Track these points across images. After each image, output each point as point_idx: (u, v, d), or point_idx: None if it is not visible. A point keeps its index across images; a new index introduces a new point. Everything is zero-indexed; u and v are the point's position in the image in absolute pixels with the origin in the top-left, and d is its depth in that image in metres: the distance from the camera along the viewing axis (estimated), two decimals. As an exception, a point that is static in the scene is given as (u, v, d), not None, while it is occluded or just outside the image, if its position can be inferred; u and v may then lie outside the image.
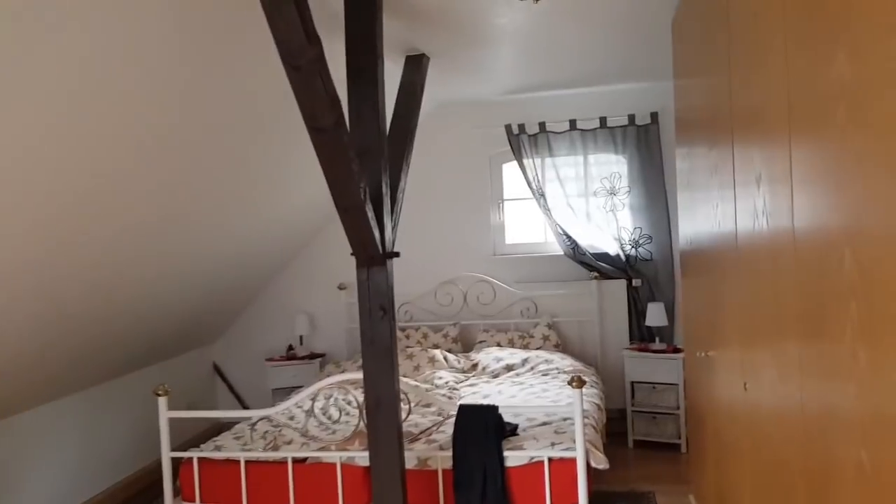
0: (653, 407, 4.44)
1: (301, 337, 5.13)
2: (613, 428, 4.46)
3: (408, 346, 4.74)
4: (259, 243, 4.52)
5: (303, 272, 5.25)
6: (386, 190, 2.35)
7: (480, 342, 4.73)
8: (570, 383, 2.50)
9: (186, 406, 4.95)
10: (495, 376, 4.18)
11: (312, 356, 5.05)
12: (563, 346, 4.70)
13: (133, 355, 4.15)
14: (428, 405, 3.42)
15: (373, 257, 2.30)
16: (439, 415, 3.22)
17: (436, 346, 4.73)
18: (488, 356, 4.38)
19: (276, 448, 2.90)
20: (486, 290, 4.90)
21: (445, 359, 4.37)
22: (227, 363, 5.39)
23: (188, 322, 4.57)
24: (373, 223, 2.20)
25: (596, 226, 4.81)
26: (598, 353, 4.73)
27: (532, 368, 4.21)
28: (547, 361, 4.26)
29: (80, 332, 3.29)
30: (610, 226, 4.80)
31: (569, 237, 4.80)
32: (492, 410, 2.60)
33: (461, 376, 4.17)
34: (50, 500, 3.49)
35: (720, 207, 2.19)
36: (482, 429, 2.58)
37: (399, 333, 4.83)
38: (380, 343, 2.33)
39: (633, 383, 4.51)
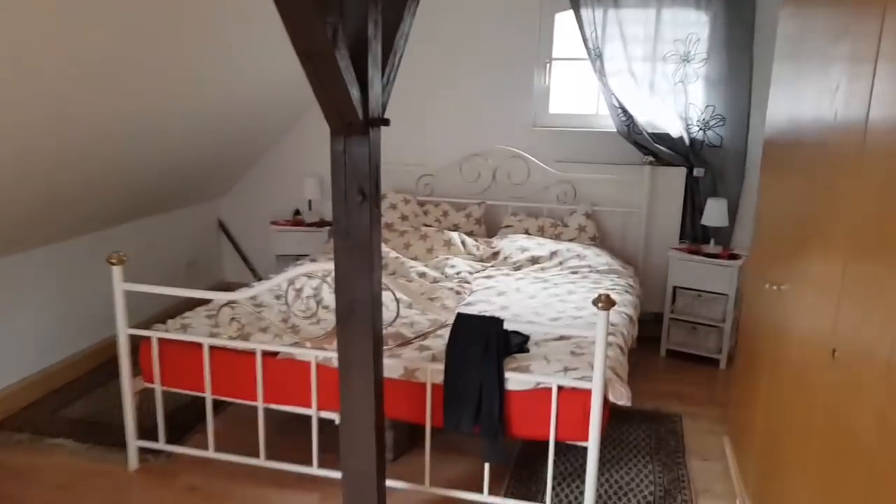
0: (695, 316, 4.00)
1: (310, 202, 4.74)
2: (646, 332, 4.07)
3: (424, 224, 4.31)
4: (267, 95, 4.00)
5: (316, 130, 4.74)
6: (374, 33, 1.77)
7: (506, 227, 4.26)
8: (595, 303, 2.03)
9: (186, 264, 4.74)
10: (517, 268, 3.75)
11: (321, 223, 4.68)
12: (600, 240, 4.19)
13: (130, 203, 3.86)
14: (432, 299, 3.03)
15: (351, 124, 1.77)
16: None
17: (455, 227, 4.28)
18: (512, 244, 3.92)
19: (244, 337, 2.58)
20: (520, 167, 4.34)
21: (463, 243, 3.94)
22: (233, 222, 5.10)
23: (190, 172, 4.20)
24: (348, 77, 1.66)
25: (660, 99, 4.09)
26: (640, 251, 4.22)
27: (560, 263, 3.76)
28: (579, 257, 3.78)
29: (72, 174, 3.01)
30: (677, 100, 4.08)
31: (625, 111, 4.11)
32: (495, 324, 2.18)
33: (478, 265, 3.75)
34: (20, 355, 3.34)
35: (843, 87, 1.56)
36: (482, 344, 2.18)
37: (416, 208, 4.38)
38: (357, 236, 1.88)
39: (675, 288, 4.04)
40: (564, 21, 4.24)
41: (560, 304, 3.05)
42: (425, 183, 4.53)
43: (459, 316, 2.23)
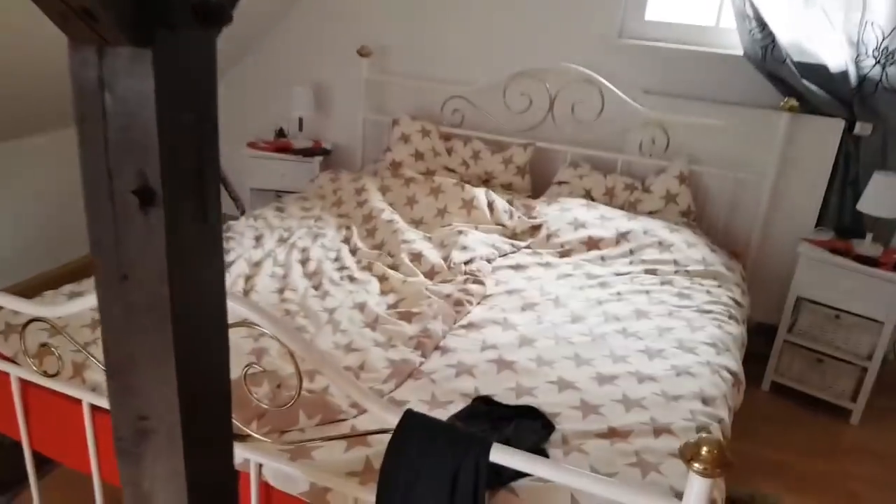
0: (825, 344, 2.84)
1: (300, 119, 3.69)
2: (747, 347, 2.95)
3: (446, 168, 3.23)
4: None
5: (313, 23, 3.62)
6: None
7: (560, 184, 3.12)
8: (685, 456, 0.97)
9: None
10: (564, 254, 2.65)
11: (313, 151, 3.65)
12: (696, 216, 3.02)
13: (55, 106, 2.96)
14: (412, 315, 2.00)
15: (99, 23, 0.70)
16: (418, 348, 1.80)
17: (487, 178, 3.19)
18: (563, 215, 2.80)
19: (80, 370, 1.64)
20: (591, 97, 3.14)
21: (490, 207, 2.84)
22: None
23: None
24: None
25: (820, 11, 2.77)
26: (755, 236, 3.02)
27: (631, 253, 2.63)
28: (661, 245, 2.65)
29: None
30: (848, 14, 2.75)
31: (762, 24, 2.81)
32: (475, 448, 1.14)
33: (506, 245, 2.67)
34: None
35: None
36: (445, 479, 1.16)
37: (438, 144, 3.28)
38: (143, 283, 0.84)
39: (801, 300, 2.87)
40: None
41: (619, 341, 1.97)
42: (454, 108, 3.39)
43: (409, 414, 1.20)
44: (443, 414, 1.54)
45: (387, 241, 2.59)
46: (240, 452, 1.33)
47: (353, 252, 2.53)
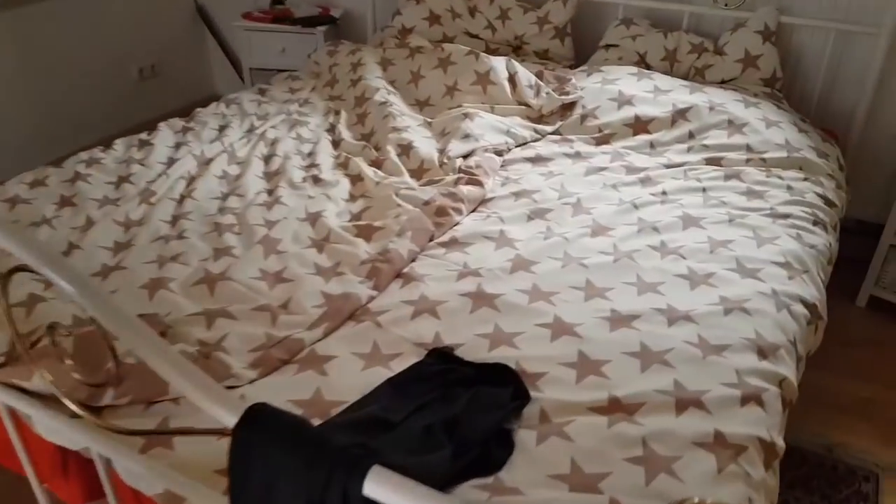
0: (945, 250, 2.25)
1: (301, -19, 3.15)
2: (840, 251, 2.38)
3: (467, 33, 2.67)
4: None
5: None
6: None
7: (607, 48, 2.51)
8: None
9: (139, 70, 3.49)
10: (600, 142, 2.12)
11: (318, 20, 3.14)
12: (784, 85, 2.37)
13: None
14: (370, 231, 1.57)
15: None
16: (370, 276, 1.39)
17: (517, 45, 2.61)
18: (605, 89, 2.23)
19: None
20: (649, -71, 2.44)
21: (512, 80, 2.29)
22: (218, 8, 3.67)
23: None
24: None
25: None
26: (859, 110, 2.35)
27: (691, 138, 2.07)
28: (731, 125, 2.06)
29: None
30: None
31: None
32: (341, 465, 0.74)
33: (525, 131, 2.14)
34: None
35: None
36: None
37: (459, 3, 2.70)
38: None
39: (918, 193, 2.25)
40: None
41: (652, 262, 1.49)
42: (474, -45, 2.77)
43: (254, 415, 0.80)
44: (383, 373, 1.16)
45: (377, 129, 2.13)
46: (78, 438, 0.99)
47: (336, 144, 2.09)
